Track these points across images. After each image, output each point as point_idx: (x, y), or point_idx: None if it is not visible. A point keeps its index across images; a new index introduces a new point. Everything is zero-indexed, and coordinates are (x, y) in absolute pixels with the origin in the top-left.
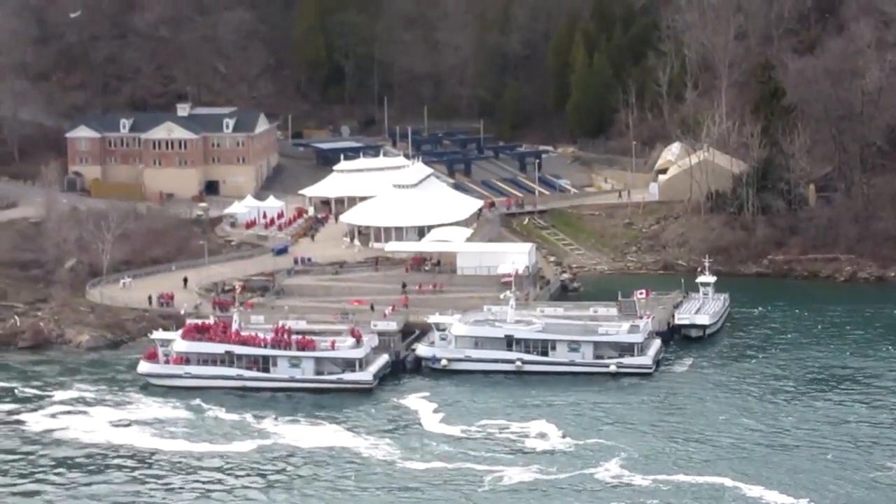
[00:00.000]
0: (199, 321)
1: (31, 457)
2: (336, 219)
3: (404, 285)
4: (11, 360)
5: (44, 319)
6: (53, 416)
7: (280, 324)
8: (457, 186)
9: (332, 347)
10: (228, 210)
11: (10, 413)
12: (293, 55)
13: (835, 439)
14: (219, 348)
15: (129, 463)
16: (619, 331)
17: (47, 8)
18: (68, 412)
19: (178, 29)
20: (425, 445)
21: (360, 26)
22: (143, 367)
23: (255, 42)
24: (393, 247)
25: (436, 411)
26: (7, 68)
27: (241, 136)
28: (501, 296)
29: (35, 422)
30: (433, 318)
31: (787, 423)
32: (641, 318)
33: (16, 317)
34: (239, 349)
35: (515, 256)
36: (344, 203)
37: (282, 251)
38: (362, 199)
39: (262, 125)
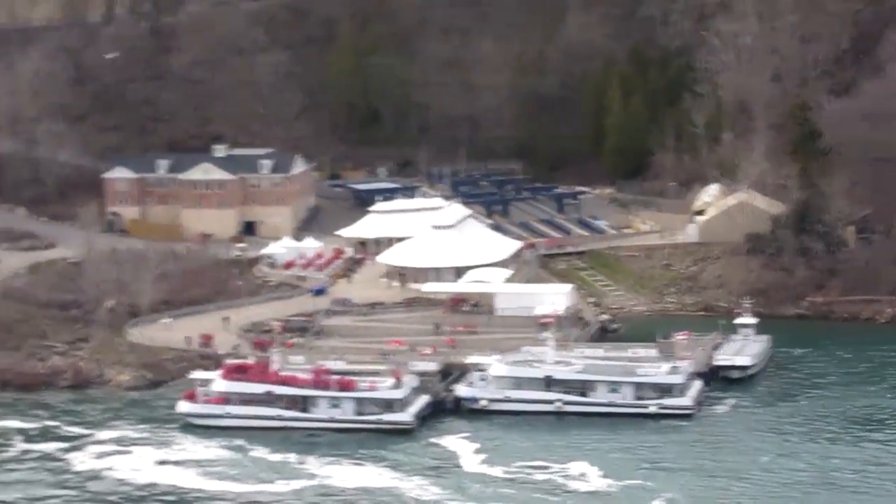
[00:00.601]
0: (239, 361)
1: (74, 493)
2: (373, 260)
3: (437, 326)
4: (52, 400)
5: (84, 359)
6: (96, 455)
7: (319, 364)
8: (495, 227)
9: (372, 388)
10: (266, 250)
11: (53, 452)
12: (330, 97)
13: (881, 479)
14: (258, 388)
15: (172, 500)
16: (660, 372)
17: (83, 50)
18: (111, 452)
19: (214, 71)
20: (466, 487)
21: (396, 69)
22: (183, 406)
23: (291, 84)
24: (431, 287)
25: (476, 452)
26: (44, 110)
27: (279, 177)
28: (540, 337)
29: (79, 461)
30: (472, 359)
31: (831, 465)
32: (682, 359)
33: (56, 356)
34: (279, 389)
35: (554, 297)
36: (381, 244)
37: (320, 292)
38: (399, 240)
39: (299, 166)
